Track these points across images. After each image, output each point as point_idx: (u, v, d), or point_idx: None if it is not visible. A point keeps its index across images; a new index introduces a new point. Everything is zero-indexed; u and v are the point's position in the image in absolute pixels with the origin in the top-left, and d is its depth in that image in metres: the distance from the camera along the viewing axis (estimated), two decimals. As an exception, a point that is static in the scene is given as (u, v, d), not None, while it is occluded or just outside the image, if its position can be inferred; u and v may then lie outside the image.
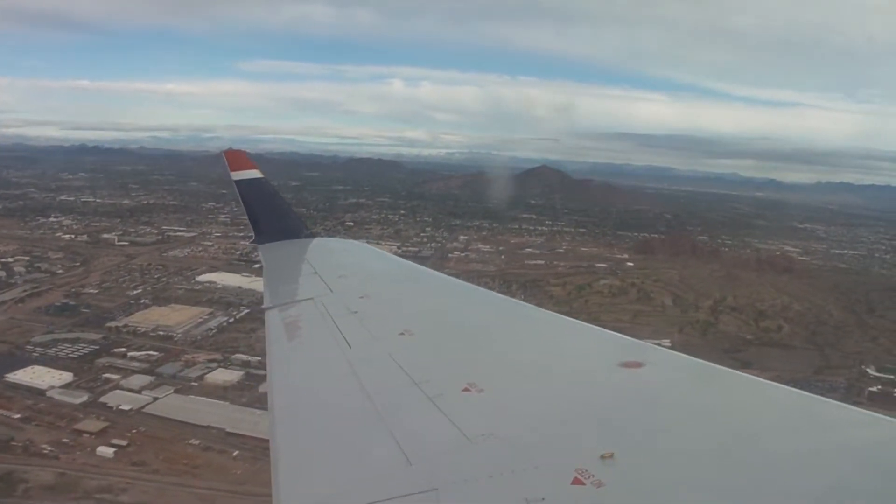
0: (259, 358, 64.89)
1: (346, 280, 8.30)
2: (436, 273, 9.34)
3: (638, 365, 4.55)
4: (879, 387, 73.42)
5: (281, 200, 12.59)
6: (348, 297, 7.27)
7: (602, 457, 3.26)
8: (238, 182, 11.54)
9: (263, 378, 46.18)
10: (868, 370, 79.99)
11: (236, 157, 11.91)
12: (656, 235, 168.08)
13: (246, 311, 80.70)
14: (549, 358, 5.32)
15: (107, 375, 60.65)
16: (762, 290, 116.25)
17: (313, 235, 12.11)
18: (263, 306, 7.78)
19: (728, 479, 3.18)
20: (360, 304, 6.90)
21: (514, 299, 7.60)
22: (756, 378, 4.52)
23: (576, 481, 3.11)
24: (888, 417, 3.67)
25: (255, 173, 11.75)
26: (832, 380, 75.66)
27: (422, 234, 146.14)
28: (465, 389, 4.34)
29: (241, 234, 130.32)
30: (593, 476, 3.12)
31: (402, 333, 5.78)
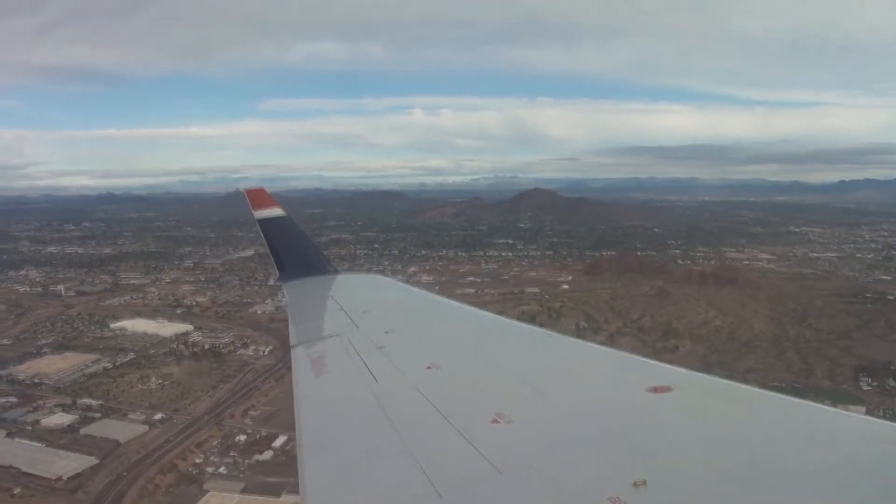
0: (100, 401, 70.78)
1: (372, 315, 8.35)
2: (461, 305, 9.19)
3: (667, 389, 4.54)
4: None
5: (304, 237, 12.71)
6: (374, 332, 7.33)
7: (634, 484, 3.27)
8: (260, 221, 11.66)
9: (93, 420, 52.43)
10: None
11: (258, 196, 12.01)
12: (626, 253, 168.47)
13: (132, 356, 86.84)
14: (576, 386, 5.36)
15: (-43, 421, 66.88)
16: (689, 307, 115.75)
17: (337, 272, 12.14)
18: (290, 343, 7.88)
19: None
20: (386, 339, 6.97)
21: (539, 328, 7.57)
22: (793, 399, 4.40)
23: None
24: None
25: (277, 211, 11.93)
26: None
27: (374, 269, 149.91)
28: (494, 421, 4.35)
29: (192, 279, 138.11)
30: None
31: (428, 367, 5.83)
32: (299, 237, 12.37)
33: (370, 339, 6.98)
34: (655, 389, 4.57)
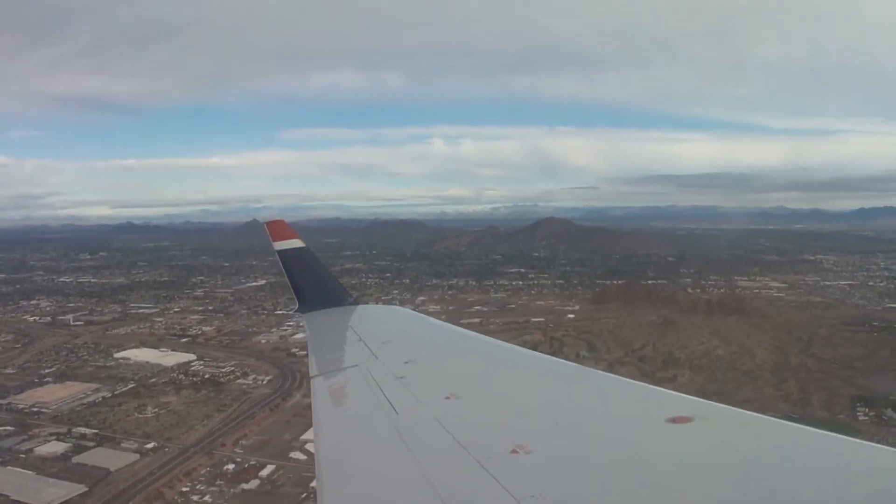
0: (95, 430, 71.96)
1: (391, 346, 8.42)
2: (480, 336, 9.17)
3: (686, 420, 4.48)
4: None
5: (323, 269, 12.79)
6: (393, 362, 7.32)
7: None
8: (280, 252, 11.78)
9: (86, 448, 54.02)
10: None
11: (278, 227, 12.15)
12: (634, 282, 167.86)
13: (132, 385, 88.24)
14: (595, 416, 5.32)
15: (-47, 451, 68.30)
16: (693, 336, 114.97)
17: (356, 303, 12.25)
18: (310, 374, 7.87)
19: None
20: (405, 370, 6.96)
21: (558, 359, 7.53)
22: (820, 431, 4.25)
23: None
24: None
25: (296, 243, 12.04)
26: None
27: (382, 299, 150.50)
28: (514, 451, 4.33)
29: (201, 309, 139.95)
30: None
31: (448, 397, 5.82)
32: (318, 268, 12.54)
33: (389, 370, 7.03)
34: (675, 420, 4.49)
